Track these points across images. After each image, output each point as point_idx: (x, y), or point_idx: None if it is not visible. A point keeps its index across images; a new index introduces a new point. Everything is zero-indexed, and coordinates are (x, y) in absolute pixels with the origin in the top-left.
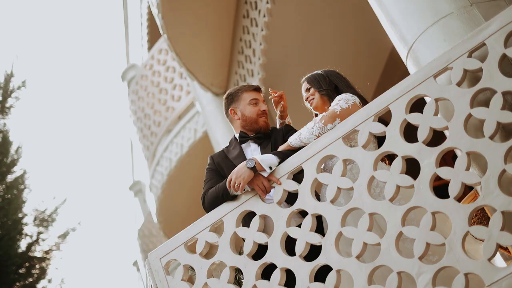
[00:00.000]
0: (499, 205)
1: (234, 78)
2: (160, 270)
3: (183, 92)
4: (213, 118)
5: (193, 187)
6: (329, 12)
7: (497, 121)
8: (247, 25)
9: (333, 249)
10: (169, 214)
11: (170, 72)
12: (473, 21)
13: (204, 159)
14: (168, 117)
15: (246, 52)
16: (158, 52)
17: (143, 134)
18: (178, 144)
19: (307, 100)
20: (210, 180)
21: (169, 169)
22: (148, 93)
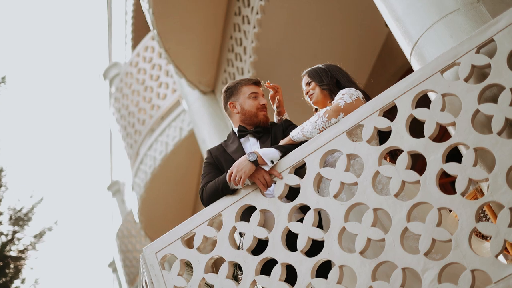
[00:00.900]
0: (507, 201)
1: (223, 76)
2: (156, 265)
3: (169, 90)
4: (200, 117)
5: (177, 186)
6: (322, 10)
7: (505, 117)
8: (239, 22)
9: (336, 244)
10: (151, 214)
11: (156, 70)
12: (480, 17)
13: (189, 158)
14: (153, 115)
15: (237, 50)
16: (144, 50)
17: (126, 132)
18: (163, 143)
19: (307, 95)
20: (209, 174)
21: (153, 167)
22: (133, 91)
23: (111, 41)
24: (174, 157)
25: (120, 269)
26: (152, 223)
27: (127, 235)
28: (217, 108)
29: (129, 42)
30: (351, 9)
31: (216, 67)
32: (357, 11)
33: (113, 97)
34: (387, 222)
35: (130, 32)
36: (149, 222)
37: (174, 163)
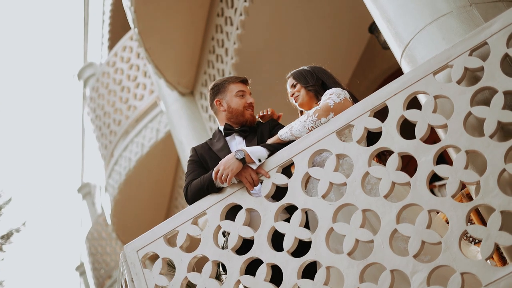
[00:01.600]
0: (498, 204)
1: (203, 78)
2: (137, 263)
3: (146, 91)
4: (178, 118)
5: (151, 189)
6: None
7: (498, 120)
8: (221, 23)
9: (324, 245)
10: (124, 216)
11: (134, 70)
12: (473, 21)
13: (165, 160)
14: (129, 116)
15: (218, 52)
16: (122, 50)
17: (101, 133)
18: (138, 144)
19: (292, 97)
20: (193, 172)
21: (128, 168)
22: (110, 91)
23: (87, 41)
24: (149, 158)
25: (88, 272)
26: (125, 225)
27: (97, 237)
28: (195, 110)
29: (106, 43)
30: (335, 14)
31: (196, 68)
32: (341, 16)
33: (89, 97)
34: (376, 223)
35: (107, 32)
36: (122, 225)
37: (150, 165)
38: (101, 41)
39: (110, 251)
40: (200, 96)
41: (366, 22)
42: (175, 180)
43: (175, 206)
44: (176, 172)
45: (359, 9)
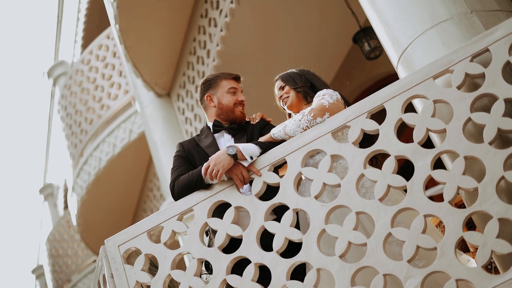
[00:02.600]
0: (496, 212)
1: (181, 79)
2: (118, 258)
3: (121, 91)
4: (153, 120)
5: (120, 190)
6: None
7: (498, 127)
8: (204, 25)
9: (315, 246)
10: (90, 217)
11: (109, 69)
12: (473, 28)
13: (136, 162)
14: (102, 115)
15: (199, 53)
16: (97, 48)
17: (71, 131)
18: (110, 144)
19: (281, 99)
20: (180, 167)
21: (97, 168)
22: (83, 89)
23: (59, 39)
24: (121, 159)
25: (47, 275)
26: (90, 227)
27: (59, 239)
28: (171, 112)
29: (80, 41)
30: (319, 22)
31: (175, 69)
32: (324, 25)
33: (60, 95)
34: (369, 226)
35: (81, 31)
36: (87, 226)
37: (120, 166)
38: (75, 40)
39: (72, 253)
40: (177, 98)
41: (349, 32)
42: (145, 183)
43: (143, 210)
44: (147, 174)
45: (342, 19)
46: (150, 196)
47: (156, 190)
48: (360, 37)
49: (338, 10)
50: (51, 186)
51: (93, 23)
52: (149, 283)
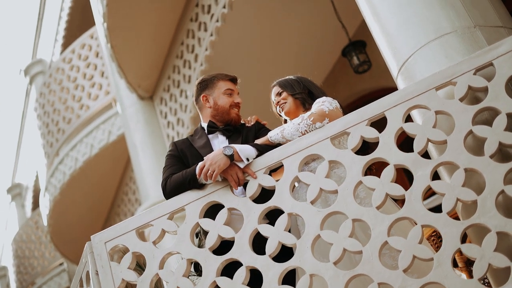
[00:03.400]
0: (495, 225)
1: (165, 82)
2: (104, 255)
3: (102, 91)
4: (134, 122)
5: (95, 192)
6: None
7: (499, 141)
8: (194, 28)
9: (309, 252)
10: (62, 218)
11: (91, 69)
12: (476, 42)
13: (113, 164)
14: (81, 115)
15: (186, 57)
16: (80, 47)
17: (48, 130)
18: (88, 144)
19: (278, 105)
20: (173, 166)
21: (73, 169)
22: (62, 88)
23: (39, 37)
24: (97, 161)
25: (11, 276)
26: (61, 228)
27: (26, 240)
28: (153, 115)
29: (60, 40)
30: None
31: (159, 72)
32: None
33: (38, 92)
34: (361, 235)
35: (63, 30)
36: (58, 227)
37: (97, 167)
38: (55, 38)
39: (38, 255)
40: (160, 101)
41: (337, 44)
42: (120, 186)
43: (117, 214)
44: (123, 178)
45: (331, 31)
46: (125, 200)
47: (131, 194)
48: (350, 51)
49: (328, 22)
50: (20, 186)
51: (75, 22)
52: (135, 282)
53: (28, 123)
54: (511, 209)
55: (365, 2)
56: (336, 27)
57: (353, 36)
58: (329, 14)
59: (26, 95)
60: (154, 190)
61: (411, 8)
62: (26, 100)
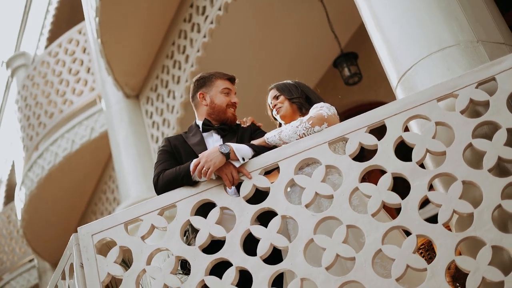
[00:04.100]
0: (490, 239)
1: (153, 82)
2: (90, 247)
3: (87, 87)
4: (118, 120)
5: (72, 188)
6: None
7: (498, 156)
8: (187, 29)
9: (301, 255)
10: (37, 213)
11: (77, 64)
12: (478, 56)
13: (93, 161)
14: (63, 110)
15: (177, 57)
16: (67, 41)
17: (29, 123)
18: (69, 140)
19: (275, 108)
20: (166, 162)
21: (52, 163)
22: (47, 81)
23: (24, 29)
24: (78, 157)
25: None
26: (35, 223)
27: None
28: (138, 114)
29: (46, 34)
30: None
31: (148, 71)
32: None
33: (21, 84)
34: (353, 242)
35: (49, 24)
36: (32, 222)
37: (76, 164)
38: (41, 32)
39: (9, 250)
40: (146, 101)
41: (328, 55)
42: (98, 184)
43: (93, 212)
44: (102, 176)
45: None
46: (103, 198)
47: (109, 192)
48: (341, 62)
49: (321, 32)
50: None
51: (63, 17)
52: (121, 277)
53: (6, 116)
54: (506, 224)
55: (368, 11)
56: (328, 38)
57: (344, 48)
58: (322, 24)
59: (6, 88)
60: (135, 189)
61: (415, 20)
62: (5, 93)
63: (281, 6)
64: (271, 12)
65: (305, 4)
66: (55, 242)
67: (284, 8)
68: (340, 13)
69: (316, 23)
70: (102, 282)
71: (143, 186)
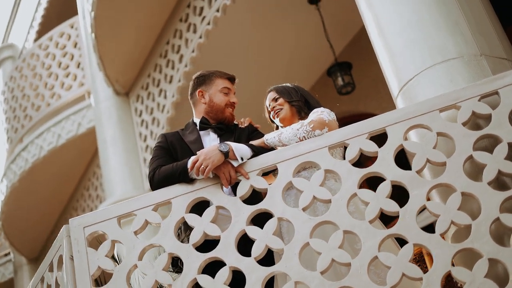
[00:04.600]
0: (487, 251)
1: (145, 80)
2: (81, 240)
3: (76, 82)
4: (107, 116)
5: (55, 182)
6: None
7: (498, 169)
8: (182, 29)
9: (296, 258)
10: (17, 206)
11: (67, 59)
12: (481, 70)
13: (79, 156)
14: (51, 104)
15: (171, 57)
16: (59, 35)
17: (14, 115)
18: (55, 134)
19: (273, 110)
20: (162, 158)
21: (36, 157)
22: (35, 74)
23: (13, 21)
24: (63, 151)
25: None
26: (14, 216)
27: None
28: (127, 112)
29: (36, 26)
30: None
31: (140, 69)
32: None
33: (9, 76)
34: (347, 248)
35: (40, 16)
36: (11, 215)
37: (61, 158)
38: (31, 24)
39: None
40: (136, 99)
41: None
42: (82, 180)
43: (74, 208)
44: (86, 172)
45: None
46: (85, 195)
47: (93, 189)
48: (335, 71)
49: (316, 40)
50: None
51: (54, 10)
52: (111, 271)
53: None
54: (502, 238)
55: (372, 20)
56: (322, 46)
57: (338, 57)
58: (317, 32)
59: None
60: (120, 187)
61: (420, 30)
62: None
63: (278, 12)
64: (268, 16)
65: (302, 11)
66: (33, 237)
67: (281, 14)
68: (336, 23)
69: (311, 30)
70: (92, 276)
71: (128, 185)
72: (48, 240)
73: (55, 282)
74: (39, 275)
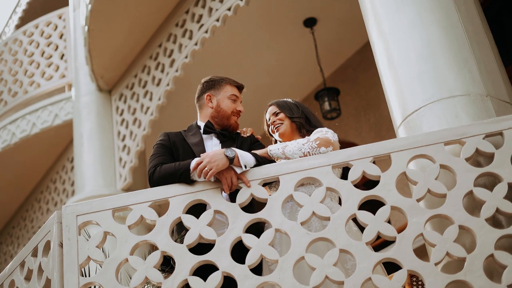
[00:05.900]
0: (479, 285)
1: (130, 80)
2: (73, 227)
3: (58, 73)
4: (86, 111)
5: (21, 172)
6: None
7: (497, 207)
8: (177, 34)
9: (290, 271)
10: None
11: (51, 49)
12: (486, 110)
13: (50, 147)
14: (29, 91)
15: (161, 60)
16: (45, 24)
17: None
18: (29, 122)
19: (273, 124)
20: (163, 156)
21: (7, 143)
22: (16, 60)
23: None
24: (35, 141)
25: None
26: None
27: None
28: (108, 109)
29: (20, 13)
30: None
31: (126, 68)
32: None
33: None
34: (339, 266)
35: (25, 3)
36: None
37: (32, 147)
38: (14, 10)
39: None
40: (119, 97)
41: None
42: (50, 172)
43: (37, 199)
44: (55, 164)
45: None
46: (51, 187)
47: (60, 183)
48: (323, 95)
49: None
50: None
51: None
52: (101, 262)
53: None
54: (492, 273)
55: (382, 49)
56: (311, 69)
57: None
58: (308, 55)
59: None
60: (91, 184)
61: (430, 65)
62: None
63: (273, 31)
64: (265, 33)
65: (297, 33)
66: None
67: (275, 33)
68: (327, 49)
69: (301, 53)
70: (80, 265)
71: (100, 182)
72: (4, 230)
73: (38, 267)
74: (19, 259)
